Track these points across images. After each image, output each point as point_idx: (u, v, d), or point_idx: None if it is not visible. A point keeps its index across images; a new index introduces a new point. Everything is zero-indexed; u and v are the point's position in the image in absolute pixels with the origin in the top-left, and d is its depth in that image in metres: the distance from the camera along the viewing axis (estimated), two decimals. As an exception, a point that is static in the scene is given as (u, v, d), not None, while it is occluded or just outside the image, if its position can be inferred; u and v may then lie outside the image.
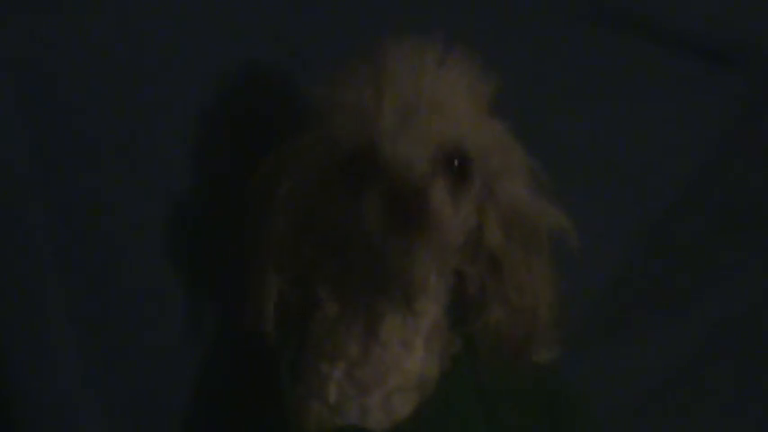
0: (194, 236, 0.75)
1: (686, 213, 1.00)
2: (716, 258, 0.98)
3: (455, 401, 0.67)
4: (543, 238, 0.67)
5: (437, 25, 0.65)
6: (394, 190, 0.60)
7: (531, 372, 0.73)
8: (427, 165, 0.62)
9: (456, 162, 0.64)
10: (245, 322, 0.69)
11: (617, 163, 0.95)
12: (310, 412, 0.67)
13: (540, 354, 0.73)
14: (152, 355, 0.75)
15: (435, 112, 0.63)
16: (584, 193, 0.81)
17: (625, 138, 0.94)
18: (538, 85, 0.83)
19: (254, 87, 0.78)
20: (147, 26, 0.74)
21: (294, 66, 0.77)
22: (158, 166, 0.74)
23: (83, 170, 0.73)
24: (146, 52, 0.74)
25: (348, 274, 0.66)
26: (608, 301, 0.94)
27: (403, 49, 0.64)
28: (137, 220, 0.73)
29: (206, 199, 0.76)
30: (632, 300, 0.95)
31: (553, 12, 0.93)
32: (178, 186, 0.75)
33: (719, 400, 0.94)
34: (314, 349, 0.68)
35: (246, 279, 0.70)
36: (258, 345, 0.69)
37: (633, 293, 0.95)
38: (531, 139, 0.68)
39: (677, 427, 0.93)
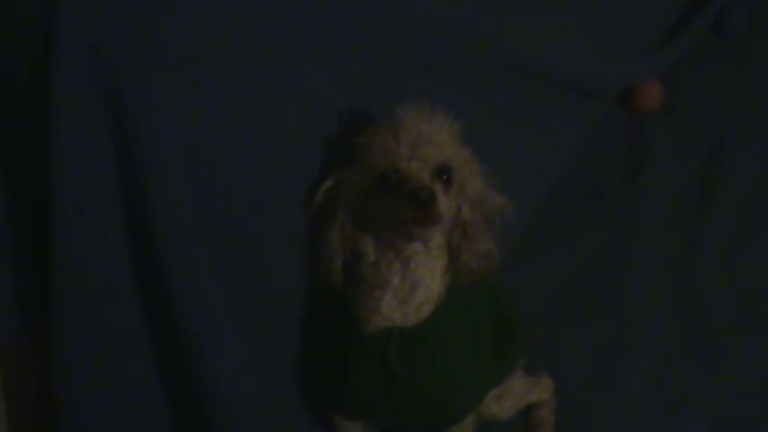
0: (295, 222, 1.08)
1: (559, 194, 1.62)
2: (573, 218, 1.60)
3: (454, 303, 1.04)
4: (492, 213, 1.05)
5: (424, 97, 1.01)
6: (412, 191, 0.94)
7: (486, 287, 1.13)
8: (428, 176, 0.98)
9: (444, 174, 0.99)
10: (320, 276, 1.05)
11: (525, 164, 1.49)
12: (371, 321, 1.02)
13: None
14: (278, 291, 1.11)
15: (430, 146, 0.97)
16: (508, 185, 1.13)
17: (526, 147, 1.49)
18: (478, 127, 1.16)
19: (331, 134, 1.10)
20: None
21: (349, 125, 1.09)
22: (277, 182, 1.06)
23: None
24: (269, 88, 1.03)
25: (384, 236, 1.00)
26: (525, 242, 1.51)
27: (409, 111, 0.99)
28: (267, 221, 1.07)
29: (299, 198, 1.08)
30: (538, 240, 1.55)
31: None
32: (290, 195, 1.07)
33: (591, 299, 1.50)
34: (366, 282, 1.02)
35: (319, 251, 1.04)
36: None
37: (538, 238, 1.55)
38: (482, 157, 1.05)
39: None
